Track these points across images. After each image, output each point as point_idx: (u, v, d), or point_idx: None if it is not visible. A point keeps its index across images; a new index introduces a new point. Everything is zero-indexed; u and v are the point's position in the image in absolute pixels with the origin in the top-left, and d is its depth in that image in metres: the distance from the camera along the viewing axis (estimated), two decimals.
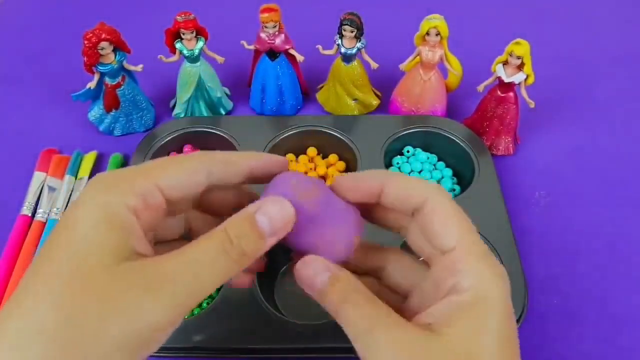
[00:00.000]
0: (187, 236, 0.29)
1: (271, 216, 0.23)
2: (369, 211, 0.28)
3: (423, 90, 0.56)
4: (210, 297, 0.44)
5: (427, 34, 0.52)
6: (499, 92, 0.53)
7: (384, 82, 0.61)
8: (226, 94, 0.61)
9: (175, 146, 0.54)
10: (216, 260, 0.22)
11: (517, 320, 0.40)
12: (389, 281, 0.28)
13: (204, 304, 0.44)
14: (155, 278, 0.20)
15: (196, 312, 0.43)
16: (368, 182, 0.26)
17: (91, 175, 0.53)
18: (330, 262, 0.25)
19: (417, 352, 0.21)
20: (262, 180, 0.27)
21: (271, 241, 0.24)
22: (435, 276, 0.25)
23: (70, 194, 0.51)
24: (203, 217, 0.29)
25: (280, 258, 0.47)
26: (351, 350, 0.23)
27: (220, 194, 0.28)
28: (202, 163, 0.25)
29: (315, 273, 0.24)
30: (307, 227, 0.25)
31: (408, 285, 0.27)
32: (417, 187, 0.25)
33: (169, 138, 0.53)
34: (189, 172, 0.24)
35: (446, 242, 0.24)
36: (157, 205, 0.23)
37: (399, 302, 0.27)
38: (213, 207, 0.28)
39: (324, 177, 0.53)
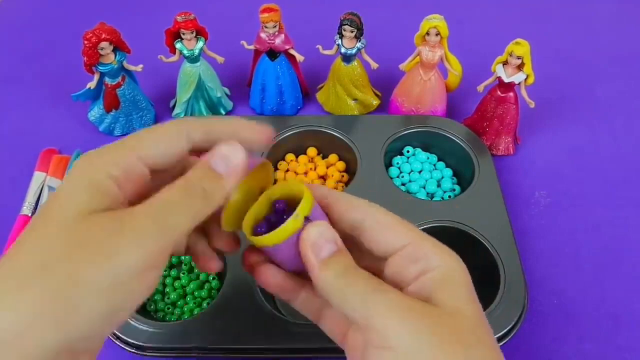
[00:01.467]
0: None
1: (226, 159, 0.25)
2: None
3: (423, 90, 0.56)
4: (210, 297, 0.45)
5: (427, 34, 0.52)
6: (499, 92, 0.53)
7: (384, 82, 0.61)
8: (226, 94, 0.61)
9: None
10: (183, 200, 0.23)
11: (517, 320, 0.40)
12: None
13: (204, 304, 0.44)
14: (129, 222, 0.22)
15: (196, 312, 0.43)
16: (321, 195, 0.28)
17: None
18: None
19: (420, 314, 0.23)
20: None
21: (230, 181, 0.25)
22: (392, 272, 0.26)
23: None
24: None
25: None
26: None
27: None
28: (179, 128, 0.25)
29: (324, 240, 0.25)
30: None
31: None
32: (357, 203, 0.27)
33: None
34: (168, 138, 0.25)
35: (397, 242, 0.26)
36: (140, 175, 0.24)
37: None
38: None
39: (323, 177, 0.53)
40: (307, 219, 0.25)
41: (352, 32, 0.52)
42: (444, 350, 0.22)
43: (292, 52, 0.56)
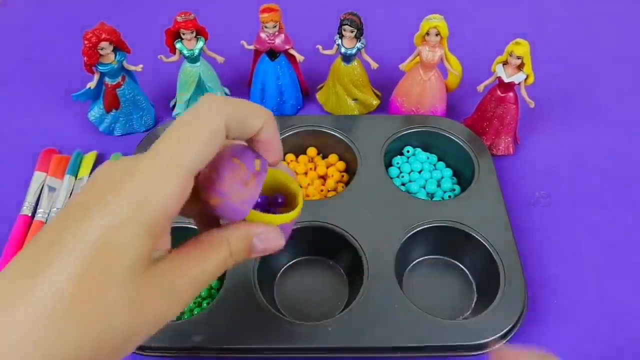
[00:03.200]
0: None
1: (266, 244, 0.27)
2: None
3: (423, 90, 0.56)
4: (211, 297, 0.45)
5: (427, 34, 0.52)
6: (499, 92, 0.53)
7: (384, 82, 0.61)
8: (226, 94, 0.61)
9: None
10: (218, 270, 0.26)
11: (517, 320, 0.40)
12: None
13: (204, 304, 0.44)
14: (172, 290, 0.24)
15: (196, 312, 0.43)
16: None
17: (91, 175, 0.53)
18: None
19: None
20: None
21: (255, 256, 0.28)
22: None
23: (70, 194, 0.51)
24: None
25: (280, 258, 0.47)
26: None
27: None
28: (219, 133, 0.24)
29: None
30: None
31: None
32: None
33: None
34: (211, 144, 0.24)
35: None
36: (188, 192, 0.23)
37: None
38: None
39: (323, 177, 0.53)
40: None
41: (352, 32, 0.52)
42: None
43: (292, 52, 0.56)
